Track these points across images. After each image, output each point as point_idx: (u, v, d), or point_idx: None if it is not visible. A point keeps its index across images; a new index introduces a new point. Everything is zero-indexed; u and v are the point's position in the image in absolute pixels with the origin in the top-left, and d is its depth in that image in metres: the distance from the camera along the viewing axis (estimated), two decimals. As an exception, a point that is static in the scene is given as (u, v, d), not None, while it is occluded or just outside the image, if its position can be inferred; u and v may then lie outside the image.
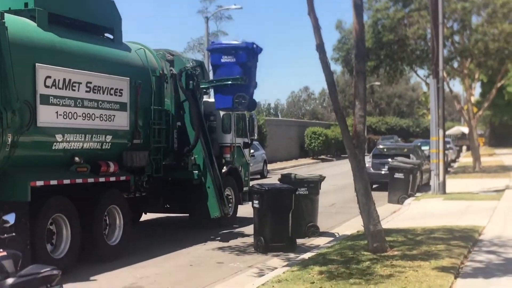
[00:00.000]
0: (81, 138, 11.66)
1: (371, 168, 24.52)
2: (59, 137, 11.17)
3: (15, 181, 10.41)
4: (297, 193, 13.11)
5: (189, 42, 51.01)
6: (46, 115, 10.84)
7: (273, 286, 8.87)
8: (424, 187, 24.38)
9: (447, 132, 51.23)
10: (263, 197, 12.36)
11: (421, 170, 24.13)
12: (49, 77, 10.90)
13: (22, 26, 10.79)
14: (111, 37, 13.28)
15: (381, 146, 29.07)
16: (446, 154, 25.36)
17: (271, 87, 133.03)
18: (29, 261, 9.20)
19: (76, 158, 11.54)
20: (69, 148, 11.44)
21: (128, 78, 12.86)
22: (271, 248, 12.29)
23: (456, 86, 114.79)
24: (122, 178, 12.56)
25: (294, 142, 52.96)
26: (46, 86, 10.84)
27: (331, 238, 13.76)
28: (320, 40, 11.15)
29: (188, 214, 16.04)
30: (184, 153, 14.83)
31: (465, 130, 56.33)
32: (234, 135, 16.75)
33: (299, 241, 13.16)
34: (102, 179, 11.97)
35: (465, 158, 48.97)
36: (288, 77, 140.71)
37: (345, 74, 42.00)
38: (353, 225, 15.18)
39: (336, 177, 28.85)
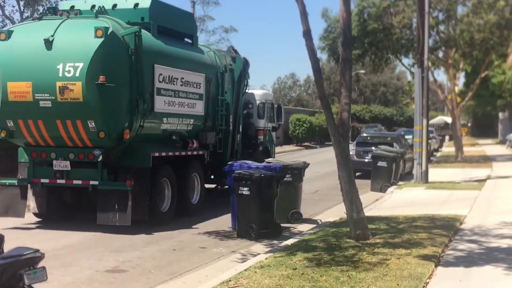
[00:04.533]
0: (176, 121, 15.32)
1: (354, 156, 24.63)
2: (165, 120, 14.79)
3: (141, 152, 13.91)
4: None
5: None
6: (159, 104, 14.38)
7: (255, 271, 8.90)
8: (407, 176, 24.52)
9: (431, 122, 51.47)
10: (253, 184, 12.31)
11: (404, 158, 24.25)
12: (161, 74, 14.42)
13: (146, 36, 14.00)
14: (190, 41, 16.82)
15: (365, 134, 29.17)
16: (429, 143, 25.51)
17: (258, 72, 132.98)
18: (147, 212, 13.58)
19: (174, 137, 15.19)
20: (169, 128, 15.08)
21: (204, 74, 16.38)
22: (258, 235, 12.32)
23: (441, 75, 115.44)
24: (200, 152, 16.19)
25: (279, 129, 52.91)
26: (160, 81, 14.37)
27: (314, 225, 13.83)
28: (307, 26, 11.14)
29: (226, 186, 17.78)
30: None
31: (449, 120, 56.66)
32: (267, 120, 20.50)
33: (283, 227, 13.20)
34: (189, 153, 15.63)
35: (448, 148, 49.27)
36: (274, 63, 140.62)
37: (330, 61, 42.06)
38: (336, 212, 15.26)
39: (320, 164, 28.97)
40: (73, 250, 11.59)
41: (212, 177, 17.87)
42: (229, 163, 14.17)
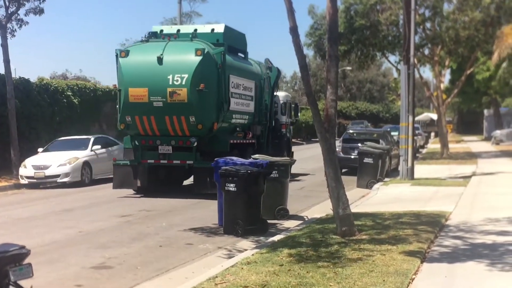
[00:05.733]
0: (239, 117, 20.35)
1: (341, 153, 24.69)
2: (234, 116, 19.84)
3: (222, 140, 18.99)
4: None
5: (162, 22, 50.46)
6: (232, 104, 19.38)
7: (242, 268, 8.90)
8: (393, 172, 24.61)
9: (416, 118, 51.59)
10: (240, 180, 12.29)
11: (390, 155, 24.32)
12: (233, 82, 19.46)
13: (222, 54, 18.55)
14: (243, 56, 21.70)
15: (351, 131, 29.19)
16: (415, 140, 25.59)
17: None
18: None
19: (238, 129, 20.34)
20: (235, 123, 20.18)
21: (254, 81, 21.51)
22: (245, 231, 12.32)
23: (426, 72, 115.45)
24: (253, 141, 21.33)
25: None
26: (232, 87, 19.38)
27: (300, 221, 13.84)
28: (293, 23, 11.12)
29: None
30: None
31: (434, 116, 56.99)
32: (288, 117, 25.52)
33: (269, 223, 13.20)
34: (247, 141, 20.69)
35: (434, 144, 49.49)
36: (260, 59, 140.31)
37: (317, 58, 42.00)
38: (322, 208, 15.29)
39: (306, 161, 29.04)
40: (59, 246, 11.56)
41: None
42: (215, 159, 14.17)
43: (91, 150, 23.73)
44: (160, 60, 18.04)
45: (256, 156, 15.04)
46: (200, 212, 15.60)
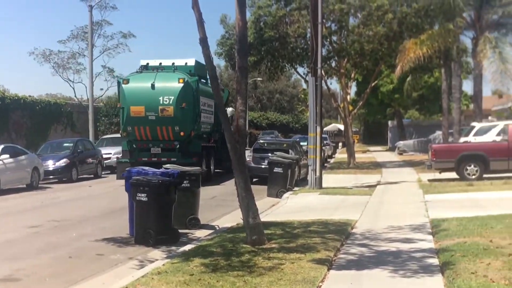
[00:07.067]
0: (205, 127, 27.29)
1: (251, 162, 24.96)
2: (202, 126, 26.71)
3: (196, 143, 25.72)
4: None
5: (73, 31, 49.29)
6: (202, 117, 26.40)
7: (152, 278, 8.93)
8: (302, 182, 25.01)
9: (325, 129, 52.62)
10: (151, 190, 12.29)
11: (299, 165, 24.73)
12: (202, 101, 26.33)
13: (196, 81, 25.69)
14: (205, 81, 27.57)
15: (261, 141, 29.56)
16: (323, 150, 26.15)
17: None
18: (205, 174, 23.66)
19: (204, 135, 27.27)
20: (203, 131, 27.04)
21: (213, 100, 24.46)
22: (156, 241, 12.30)
23: (334, 84, 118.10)
24: (214, 144, 28.64)
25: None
26: (201, 106, 26.30)
27: (212, 231, 13.95)
28: (203, 34, 11.23)
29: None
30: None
31: (341, 127, 58.24)
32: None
33: (180, 233, 13.24)
34: (210, 144, 28.12)
35: (341, 154, 50.54)
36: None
37: (228, 68, 42.30)
38: (233, 218, 15.41)
39: (217, 171, 29.11)
40: (-37, 259, 11.21)
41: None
42: (127, 169, 14.12)
43: (-1, 160, 23.09)
44: (153, 86, 24.86)
45: (168, 166, 15.06)
46: (112, 222, 15.46)
